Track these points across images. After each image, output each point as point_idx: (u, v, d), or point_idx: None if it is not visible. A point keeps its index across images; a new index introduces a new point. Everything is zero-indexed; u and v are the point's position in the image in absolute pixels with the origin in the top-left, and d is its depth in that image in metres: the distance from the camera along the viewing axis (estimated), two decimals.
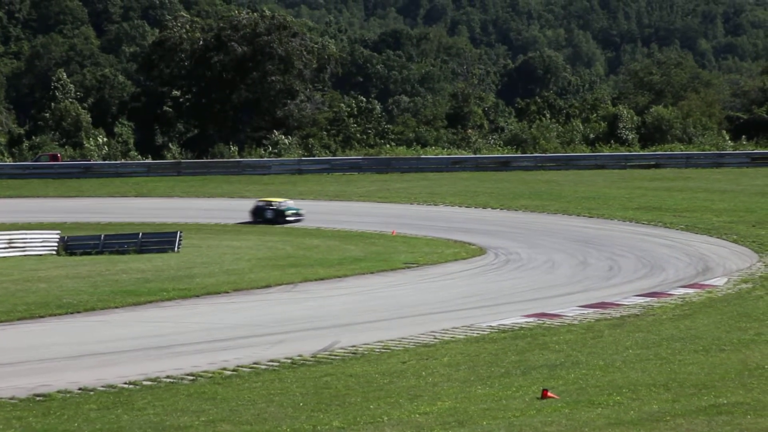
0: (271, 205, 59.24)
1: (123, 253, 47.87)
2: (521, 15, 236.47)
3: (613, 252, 46.17)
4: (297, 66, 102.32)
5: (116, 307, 33.99)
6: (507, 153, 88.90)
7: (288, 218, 58.47)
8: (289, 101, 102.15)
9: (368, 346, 27.28)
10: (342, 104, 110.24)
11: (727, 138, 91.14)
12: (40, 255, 48.35)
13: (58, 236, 49.95)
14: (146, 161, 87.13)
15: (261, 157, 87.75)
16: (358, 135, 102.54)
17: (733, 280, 38.70)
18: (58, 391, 22.31)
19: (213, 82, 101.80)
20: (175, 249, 47.90)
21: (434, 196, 67.34)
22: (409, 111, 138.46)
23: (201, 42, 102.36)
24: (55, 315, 32.65)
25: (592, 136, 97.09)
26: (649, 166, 79.80)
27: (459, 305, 34.34)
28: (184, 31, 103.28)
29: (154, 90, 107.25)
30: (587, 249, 47.00)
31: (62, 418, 20.12)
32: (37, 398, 21.90)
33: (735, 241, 48.62)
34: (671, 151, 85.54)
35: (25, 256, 47.90)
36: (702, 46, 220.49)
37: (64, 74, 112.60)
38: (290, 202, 60.20)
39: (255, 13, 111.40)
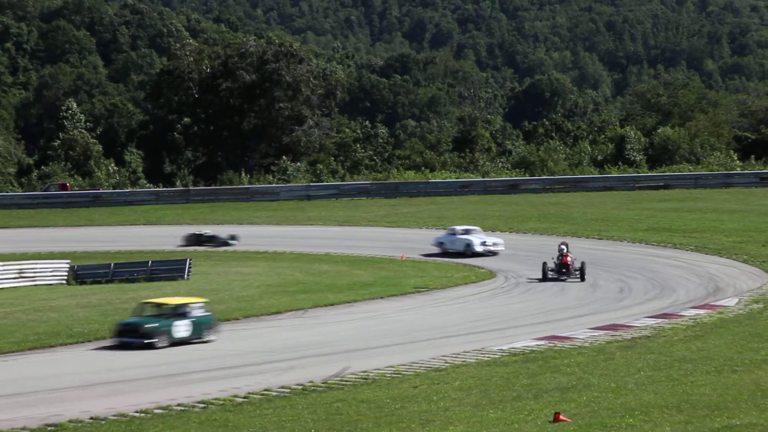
0: None
1: (133, 281, 47.87)
2: (527, 38, 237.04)
3: (623, 274, 46.07)
4: (304, 92, 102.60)
5: None
6: (515, 176, 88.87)
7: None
8: (296, 127, 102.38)
9: (379, 371, 27.22)
10: (347, 129, 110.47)
11: (736, 158, 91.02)
12: (51, 284, 48.36)
13: (67, 265, 49.95)
14: (155, 189, 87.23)
15: (269, 183, 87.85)
16: (366, 160, 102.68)
17: (744, 301, 38.58)
18: (70, 421, 22.28)
19: (221, 110, 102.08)
20: (185, 276, 47.90)
21: (443, 220, 67.27)
22: (416, 135, 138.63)
23: (209, 70, 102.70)
24: (65, 344, 32.65)
25: (600, 157, 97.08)
26: (657, 187, 79.71)
27: (469, 329, 34.28)
28: (191, 59, 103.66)
29: (162, 118, 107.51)
30: (597, 271, 46.90)
31: None
32: (49, 428, 21.87)
33: (745, 261, 48.50)
34: (679, 171, 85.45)
35: (35, 285, 47.90)
36: (708, 67, 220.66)
37: (74, 104, 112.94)
38: None
39: (262, 40, 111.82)
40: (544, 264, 45.23)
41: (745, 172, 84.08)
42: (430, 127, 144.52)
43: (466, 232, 54.10)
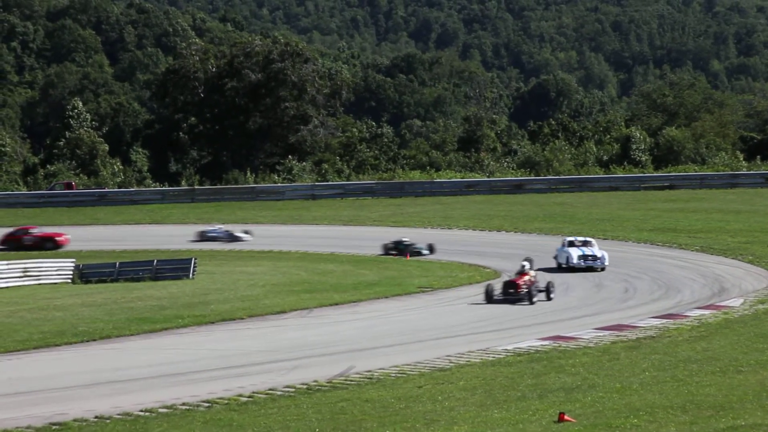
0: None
1: (138, 280, 47.91)
2: (533, 38, 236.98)
3: (628, 274, 46.02)
4: (310, 92, 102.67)
5: (132, 335, 34.00)
6: (520, 176, 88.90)
7: None
8: (302, 127, 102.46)
9: (384, 371, 27.21)
10: (354, 129, 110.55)
11: (741, 158, 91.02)
12: (56, 283, 48.42)
13: (73, 264, 50.00)
14: (160, 188, 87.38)
15: (274, 182, 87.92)
16: (371, 160, 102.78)
17: (749, 301, 38.55)
18: (75, 420, 22.29)
19: (226, 109, 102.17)
20: (190, 276, 47.94)
21: (448, 219, 67.32)
22: (421, 135, 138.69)
23: (214, 69, 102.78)
24: (70, 343, 32.66)
25: (605, 158, 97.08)
26: (663, 188, 79.69)
27: (474, 329, 34.27)
28: (197, 58, 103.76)
29: (167, 117, 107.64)
30: (602, 271, 46.88)
31: None
32: (54, 427, 21.88)
33: (750, 262, 48.47)
34: (685, 172, 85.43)
35: (40, 284, 47.97)
36: (714, 67, 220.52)
37: (80, 103, 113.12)
38: None
39: (268, 40, 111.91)
40: (488, 286, 40.19)
41: (751, 172, 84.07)
42: (435, 127, 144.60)
43: (573, 243, 48.69)
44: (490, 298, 39.55)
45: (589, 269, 46.74)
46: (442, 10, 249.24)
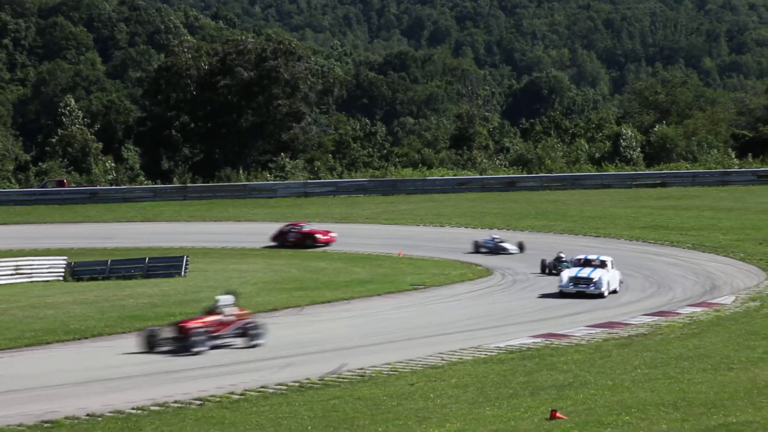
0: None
1: (130, 278, 47.84)
2: (525, 36, 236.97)
3: (620, 271, 46.04)
4: (302, 89, 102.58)
5: (123, 333, 33.96)
6: (512, 173, 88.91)
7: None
8: (294, 124, 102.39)
9: (376, 368, 27.23)
10: (347, 126, 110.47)
11: (733, 156, 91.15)
12: (47, 281, 48.33)
13: (64, 262, 49.91)
14: (152, 186, 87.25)
15: (267, 180, 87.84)
16: (364, 157, 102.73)
17: (740, 299, 38.64)
18: (66, 418, 22.27)
19: (219, 107, 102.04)
20: (182, 273, 47.88)
21: (440, 217, 67.32)
22: (414, 133, 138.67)
23: (207, 67, 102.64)
24: (62, 341, 32.63)
25: (597, 155, 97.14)
26: (655, 185, 79.77)
27: (466, 326, 34.30)
28: (189, 56, 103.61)
29: (160, 115, 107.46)
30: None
31: None
32: (45, 425, 21.86)
33: (742, 259, 48.57)
34: (677, 169, 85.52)
35: (32, 282, 47.89)
36: (706, 65, 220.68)
37: (72, 100, 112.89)
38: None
39: (260, 37, 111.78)
40: (150, 331, 30.63)
41: (743, 170, 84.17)
42: (427, 125, 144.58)
43: (589, 262, 41.86)
44: (152, 345, 30.20)
45: (580, 294, 40.16)
46: (435, 7, 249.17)
